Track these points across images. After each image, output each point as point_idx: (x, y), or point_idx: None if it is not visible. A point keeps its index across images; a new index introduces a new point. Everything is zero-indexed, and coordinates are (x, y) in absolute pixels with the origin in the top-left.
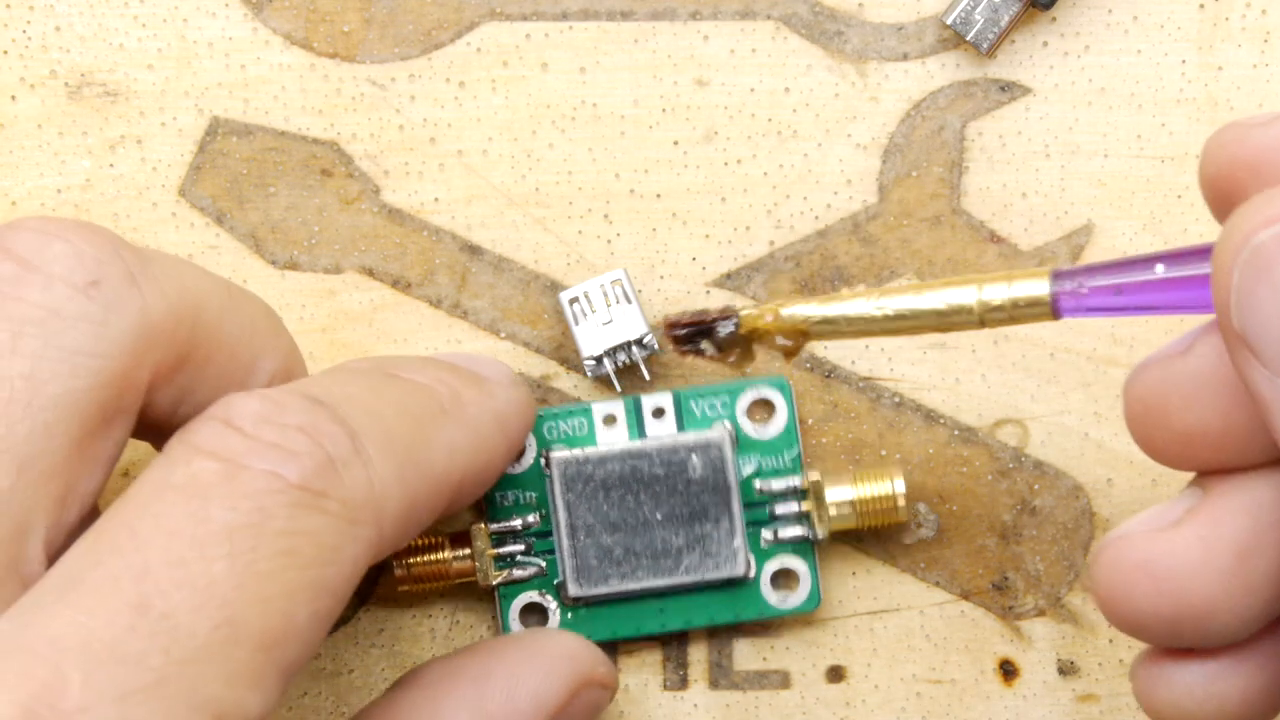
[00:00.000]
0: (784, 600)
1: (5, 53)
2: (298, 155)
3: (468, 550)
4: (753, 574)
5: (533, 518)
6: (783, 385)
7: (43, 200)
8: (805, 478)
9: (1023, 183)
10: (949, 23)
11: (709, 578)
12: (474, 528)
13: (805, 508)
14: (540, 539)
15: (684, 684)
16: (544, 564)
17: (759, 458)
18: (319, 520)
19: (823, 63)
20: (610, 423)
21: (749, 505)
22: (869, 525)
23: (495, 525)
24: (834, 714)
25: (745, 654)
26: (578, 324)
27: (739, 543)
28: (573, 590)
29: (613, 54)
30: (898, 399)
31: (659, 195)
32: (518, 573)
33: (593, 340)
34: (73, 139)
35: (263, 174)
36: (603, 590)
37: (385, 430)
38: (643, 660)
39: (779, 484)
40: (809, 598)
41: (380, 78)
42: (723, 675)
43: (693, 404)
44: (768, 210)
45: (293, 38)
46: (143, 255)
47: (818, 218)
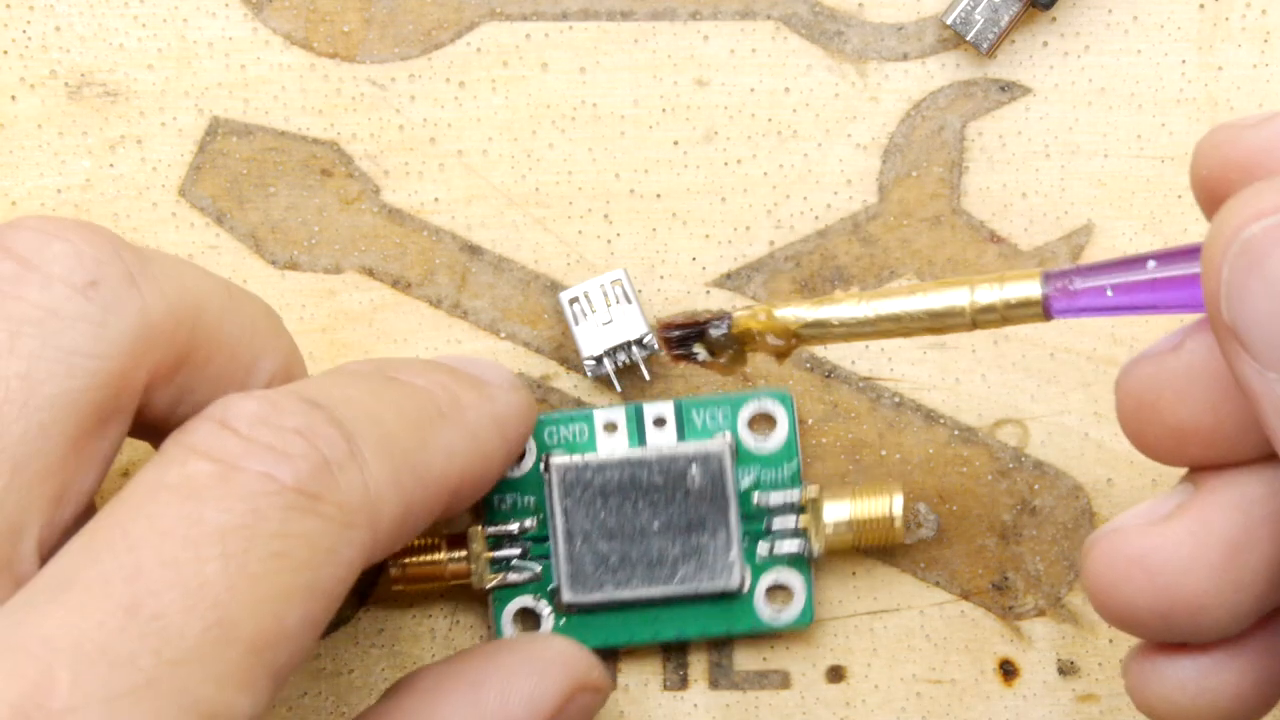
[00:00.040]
0: (777, 615)
1: (5, 53)
2: (298, 155)
3: (464, 552)
4: (747, 587)
5: (530, 522)
6: (785, 399)
7: (43, 200)
8: (804, 493)
9: (1023, 183)
10: (949, 23)
11: (703, 589)
12: (471, 530)
13: (803, 523)
14: (537, 543)
15: (684, 684)
16: (539, 568)
17: (758, 470)
18: (313, 523)
19: (823, 63)
20: (611, 430)
21: (746, 517)
22: (866, 543)
23: (492, 528)
24: (834, 714)
25: (745, 654)
26: (578, 324)
27: (735, 555)
28: (566, 596)
29: (613, 54)
30: (898, 399)
31: (659, 195)
32: (513, 576)
33: (593, 340)
34: (73, 139)
35: (263, 174)
36: (597, 597)
37: (382, 433)
38: (643, 660)
39: (777, 498)
40: (802, 613)
41: (380, 78)
42: (723, 675)
43: (694, 414)
44: (768, 210)
45: (293, 38)
46: (142, 255)
47: (818, 218)
